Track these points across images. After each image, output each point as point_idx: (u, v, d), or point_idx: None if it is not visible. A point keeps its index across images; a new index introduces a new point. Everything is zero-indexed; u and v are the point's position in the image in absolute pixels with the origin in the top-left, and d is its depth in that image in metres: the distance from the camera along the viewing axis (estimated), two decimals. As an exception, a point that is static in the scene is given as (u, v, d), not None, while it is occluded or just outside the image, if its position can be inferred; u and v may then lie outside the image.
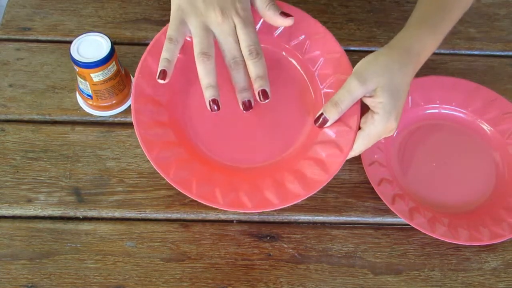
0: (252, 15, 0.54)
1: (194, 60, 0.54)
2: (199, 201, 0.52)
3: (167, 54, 0.52)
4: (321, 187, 0.53)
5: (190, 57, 0.54)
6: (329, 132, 0.55)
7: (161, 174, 0.52)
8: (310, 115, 0.58)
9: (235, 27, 0.52)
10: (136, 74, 0.55)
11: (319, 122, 0.54)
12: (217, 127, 0.58)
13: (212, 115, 0.55)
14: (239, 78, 0.53)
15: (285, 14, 0.54)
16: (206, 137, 0.57)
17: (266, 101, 0.53)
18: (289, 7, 0.58)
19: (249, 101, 0.54)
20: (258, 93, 0.53)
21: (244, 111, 0.55)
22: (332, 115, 0.53)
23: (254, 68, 0.52)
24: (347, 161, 0.54)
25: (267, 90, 0.53)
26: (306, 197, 0.53)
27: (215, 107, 0.52)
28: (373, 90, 0.52)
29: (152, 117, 0.55)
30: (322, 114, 0.53)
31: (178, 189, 0.52)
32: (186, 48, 0.55)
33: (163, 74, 0.51)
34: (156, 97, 0.56)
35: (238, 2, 0.52)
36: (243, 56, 0.53)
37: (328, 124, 0.54)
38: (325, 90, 0.58)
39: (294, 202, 0.53)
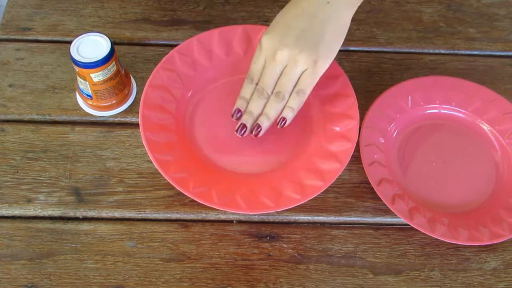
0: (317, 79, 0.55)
1: (201, 75, 0.63)
2: (195, 198, 0.53)
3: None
4: (317, 194, 0.55)
5: (199, 73, 0.62)
6: (329, 144, 0.58)
7: (161, 172, 0.54)
8: (311, 129, 0.61)
9: (302, 70, 0.53)
10: (147, 84, 0.59)
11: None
12: (220, 135, 0.61)
13: (216, 124, 0.61)
14: (257, 104, 0.56)
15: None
16: (209, 144, 0.60)
17: (258, 135, 0.57)
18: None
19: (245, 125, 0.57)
20: (257, 124, 0.56)
21: (236, 132, 0.58)
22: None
23: (270, 107, 0.56)
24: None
25: (264, 128, 0.56)
26: (301, 203, 0.54)
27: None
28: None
29: (159, 123, 0.58)
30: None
31: (176, 187, 0.54)
32: (197, 65, 0.62)
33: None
34: (164, 105, 0.59)
35: (324, 60, 0.53)
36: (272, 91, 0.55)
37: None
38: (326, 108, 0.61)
39: (289, 207, 0.54)
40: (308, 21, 0.52)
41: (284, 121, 0.56)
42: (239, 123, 0.57)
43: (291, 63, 0.53)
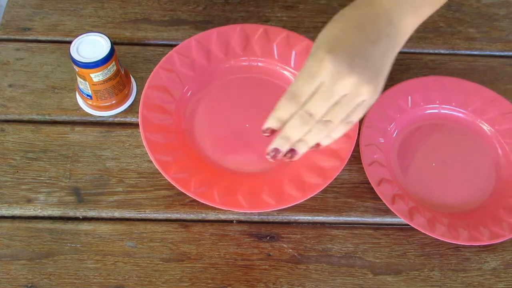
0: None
1: (200, 75, 0.63)
2: (196, 198, 0.53)
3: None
4: (318, 191, 0.55)
5: (198, 73, 0.63)
6: None
7: (162, 173, 0.54)
8: None
9: (361, 101, 0.47)
10: (146, 85, 0.59)
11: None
12: (220, 135, 0.61)
13: (216, 124, 0.61)
14: (298, 130, 0.48)
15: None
16: (209, 143, 0.60)
17: (291, 159, 0.51)
18: None
19: (278, 150, 0.50)
20: (293, 150, 0.50)
21: (268, 155, 0.51)
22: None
23: (313, 135, 0.49)
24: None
25: (299, 155, 0.50)
26: (302, 200, 0.54)
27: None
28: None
29: (158, 123, 0.58)
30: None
31: (177, 187, 0.54)
32: (196, 65, 0.63)
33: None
34: (164, 106, 0.60)
35: (379, 93, 0.47)
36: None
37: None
38: None
39: (290, 205, 0.54)
40: (373, 49, 0.46)
41: (318, 147, 0.51)
42: (272, 147, 0.50)
43: (354, 93, 0.46)
